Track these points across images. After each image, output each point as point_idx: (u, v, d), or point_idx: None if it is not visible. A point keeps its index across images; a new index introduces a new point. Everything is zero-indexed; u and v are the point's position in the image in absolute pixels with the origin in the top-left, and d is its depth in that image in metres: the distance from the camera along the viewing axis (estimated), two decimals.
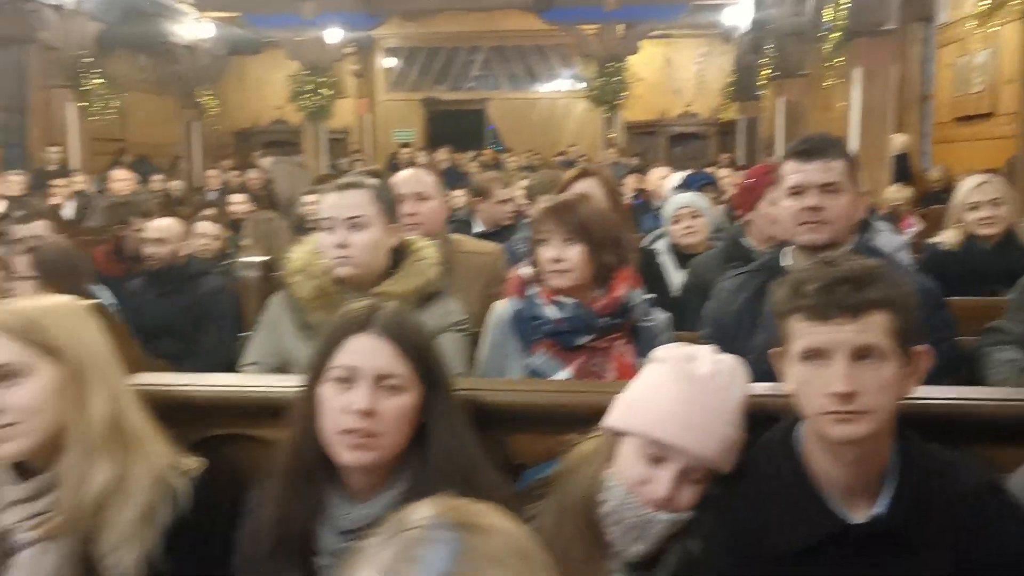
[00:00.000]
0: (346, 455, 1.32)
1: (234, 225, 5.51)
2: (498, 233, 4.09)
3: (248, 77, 16.20)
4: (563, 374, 2.02)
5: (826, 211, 2.00)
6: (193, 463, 1.42)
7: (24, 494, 1.32)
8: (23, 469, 1.35)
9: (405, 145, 13.00)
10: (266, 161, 8.84)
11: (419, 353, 1.37)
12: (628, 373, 1.97)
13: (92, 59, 11.23)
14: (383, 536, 0.78)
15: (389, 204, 2.18)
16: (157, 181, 9.74)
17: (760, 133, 12.93)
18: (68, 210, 7.35)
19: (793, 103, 10.23)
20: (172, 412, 1.49)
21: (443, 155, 12.16)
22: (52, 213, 5.10)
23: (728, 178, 7.20)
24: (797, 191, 2.04)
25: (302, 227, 6.97)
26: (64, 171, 8.49)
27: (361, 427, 1.30)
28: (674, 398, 1.31)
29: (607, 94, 12.98)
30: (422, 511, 0.79)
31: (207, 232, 4.75)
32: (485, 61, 16.53)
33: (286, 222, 4.80)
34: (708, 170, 6.77)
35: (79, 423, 1.31)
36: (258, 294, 2.48)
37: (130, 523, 1.30)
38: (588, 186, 2.87)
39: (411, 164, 11.73)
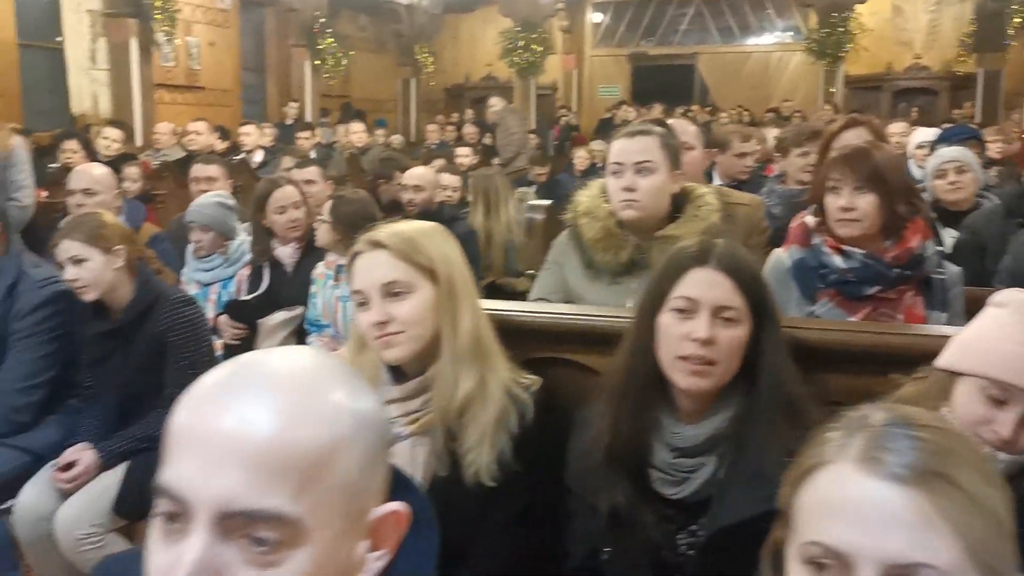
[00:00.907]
0: (684, 380, 1.41)
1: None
2: (736, 187, 4.07)
3: (462, 34, 16.67)
4: None
5: None
6: (531, 379, 1.57)
7: (402, 394, 1.51)
8: (400, 372, 1.55)
9: (622, 103, 12.97)
10: (496, 102, 9.08)
11: (752, 288, 1.44)
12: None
13: (325, 19, 11.94)
14: (843, 431, 0.85)
15: (674, 151, 2.25)
16: (379, 135, 10.28)
17: (1003, 88, 11.92)
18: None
19: None
20: (501, 335, 1.63)
21: (655, 112, 12.08)
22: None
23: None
24: None
25: (522, 181, 7.23)
26: (304, 124, 9.11)
27: (700, 354, 1.39)
28: (1019, 340, 1.31)
29: (829, 46, 12.36)
30: (877, 413, 0.86)
31: (449, 183, 5.01)
32: (695, 14, 16.14)
33: (504, 179, 4.98)
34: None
35: (450, 334, 1.49)
36: (544, 234, 2.62)
37: (487, 426, 1.46)
38: (856, 136, 2.81)
39: (625, 122, 11.73)
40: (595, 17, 16.61)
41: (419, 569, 0.82)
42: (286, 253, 3.46)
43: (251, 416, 0.69)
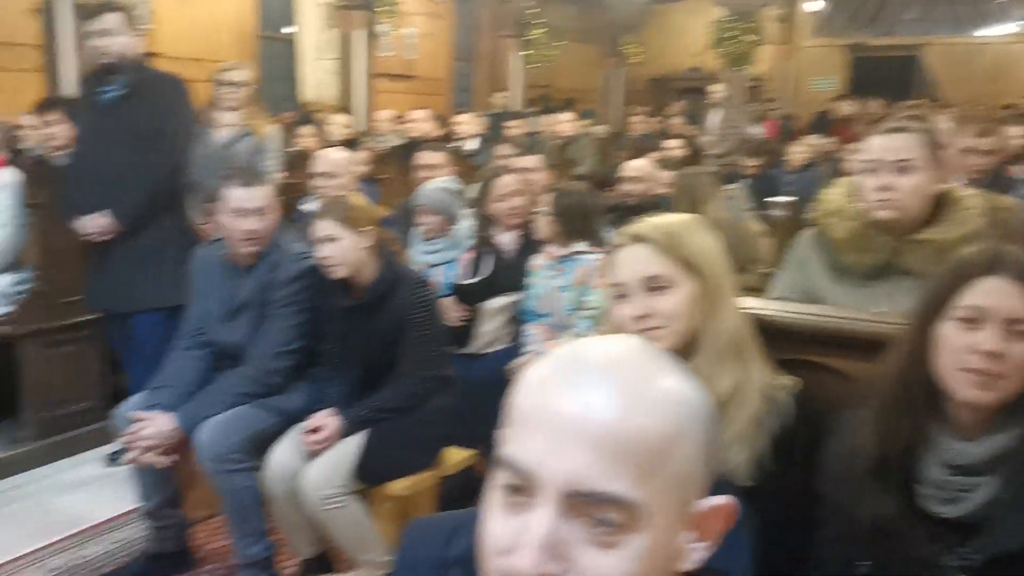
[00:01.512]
0: (967, 392, 1.33)
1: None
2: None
3: (668, 25, 16.42)
4: None
5: None
6: (789, 380, 1.53)
7: None
8: None
9: (843, 96, 12.33)
10: (718, 89, 8.94)
11: None
12: None
13: (536, 10, 12.12)
14: None
15: (936, 150, 2.11)
16: (584, 125, 10.32)
17: None
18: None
19: None
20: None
21: (876, 106, 11.40)
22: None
23: None
24: None
25: (731, 176, 7.05)
26: (513, 114, 9.30)
27: (987, 368, 1.30)
28: None
29: None
30: None
31: (659, 177, 4.94)
32: (922, 3, 15.08)
33: (711, 177, 4.84)
34: None
35: (710, 331, 1.47)
36: (785, 233, 2.55)
37: (743, 425, 1.44)
38: None
39: (845, 118, 11.17)
40: (812, 6, 15.87)
41: (732, 564, 0.82)
42: (507, 240, 3.55)
43: (595, 400, 0.71)
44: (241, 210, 2.73)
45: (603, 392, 0.72)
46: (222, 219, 2.78)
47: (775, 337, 1.66)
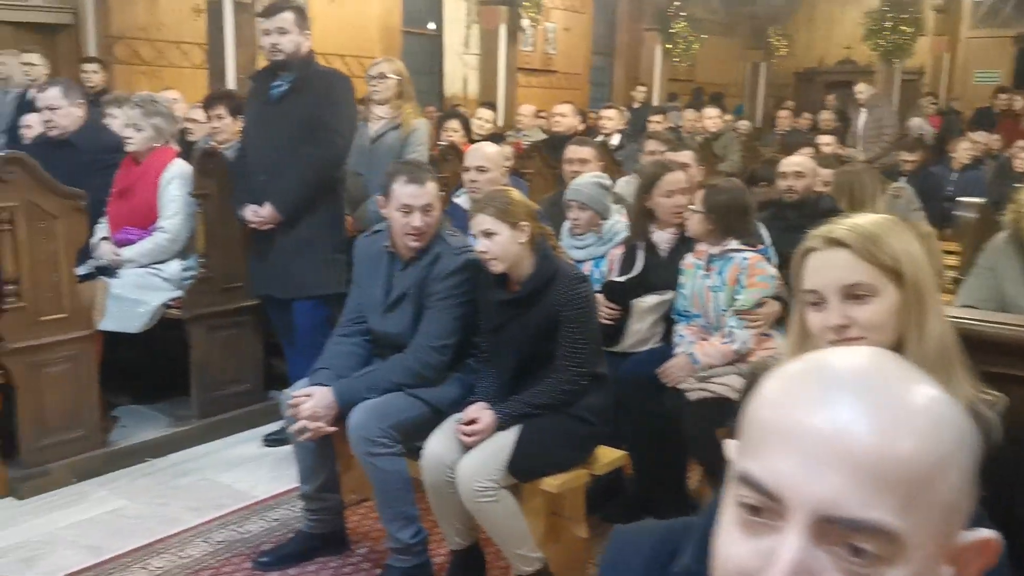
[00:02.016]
0: None
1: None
2: None
3: (818, 16, 15.83)
4: None
5: None
6: (996, 396, 1.41)
7: None
8: None
9: (1001, 89, 11.56)
10: (863, 89, 8.56)
11: None
12: None
13: (679, 3, 11.91)
14: None
15: None
16: (728, 120, 10.05)
17: None
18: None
19: None
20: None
21: None
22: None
23: None
24: None
25: (892, 172, 6.71)
26: (655, 108, 9.16)
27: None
28: None
29: None
30: None
31: (820, 174, 4.75)
32: None
33: (873, 174, 4.59)
34: None
35: (915, 341, 1.37)
36: (974, 236, 2.39)
37: None
38: None
39: (1011, 113, 10.47)
40: None
41: None
42: (663, 238, 3.47)
43: (852, 419, 0.66)
44: (409, 207, 2.78)
45: (861, 410, 0.66)
46: (389, 213, 2.83)
47: (978, 349, 1.54)
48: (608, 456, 2.76)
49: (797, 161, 4.00)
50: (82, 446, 3.60)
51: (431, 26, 10.12)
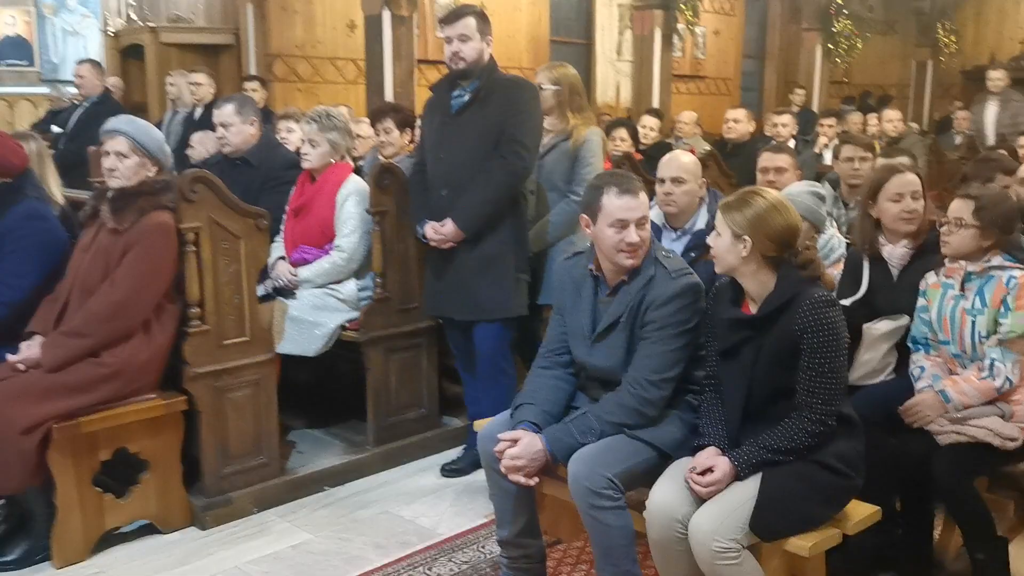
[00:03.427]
0: None
1: None
2: None
3: (988, 9, 14.69)
4: None
5: None
6: None
7: None
8: None
9: None
10: (999, 77, 7.72)
11: None
12: None
13: (841, 1, 11.23)
14: None
15: None
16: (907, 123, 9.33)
17: None
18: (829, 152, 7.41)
19: None
20: None
21: None
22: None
23: None
24: None
25: None
26: (824, 112, 8.58)
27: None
28: None
29: None
30: None
31: None
32: None
33: None
34: None
35: None
36: None
37: None
38: None
39: None
40: None
41: None
42: (895, 253, 3.05)
43: None
44: (624, 221, 2.49)
45: None
46: (597, 232, 2.55)
47: None
48: (861, 512, 2.37)
49: None
50: (263, 474, 3.48)
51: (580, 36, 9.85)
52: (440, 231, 3.51)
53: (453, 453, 3.93)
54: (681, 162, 3.47)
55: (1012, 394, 2.70)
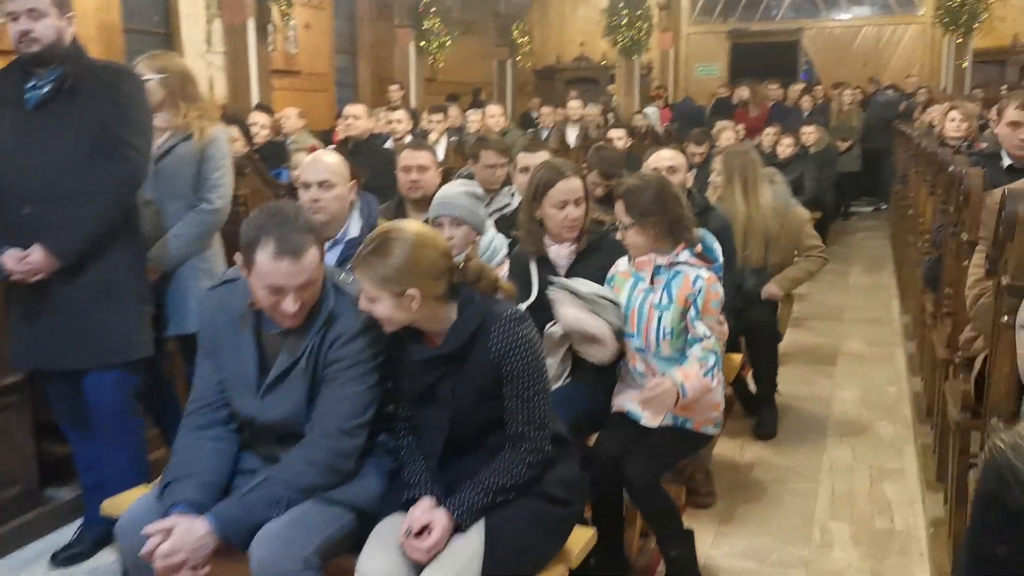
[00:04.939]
0: None
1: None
2: None
3: (551, 13, 16.08)
4: None
5: None
6: None
7: None
8: None
9: (740, 82, 12.20)
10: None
11: None
12: None
13: None
14: None
15: None
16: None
17: None
18: (442, 146, 7.44)
19: None
20: None
21: (745, 91, 11.25)
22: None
23: None
24: None
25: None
26: (434, 108, 8.61)
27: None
28: None
29: (962, 17, 11.56)
30: None
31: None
32: None
33: (758, 155, 4.42)
34: None
35: None
36: None
37: None
38: None
39: (744, 103, 11.05)
40: None
41: None
42: (561, 253, 2.95)
43: None
44: (279, 288, 2.00)
45: None
46: (251, 285, 2.05)
47: None
48: (581, 539, 2.19)
49: (668, 156, 3.66)
50: None
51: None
52: (27, 261, 2.72)
53: (66, 534, 3.14)
54: (327, 163, 3.08)
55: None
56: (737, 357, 3.82)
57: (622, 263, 2.83)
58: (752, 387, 4.31)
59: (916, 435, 4.04)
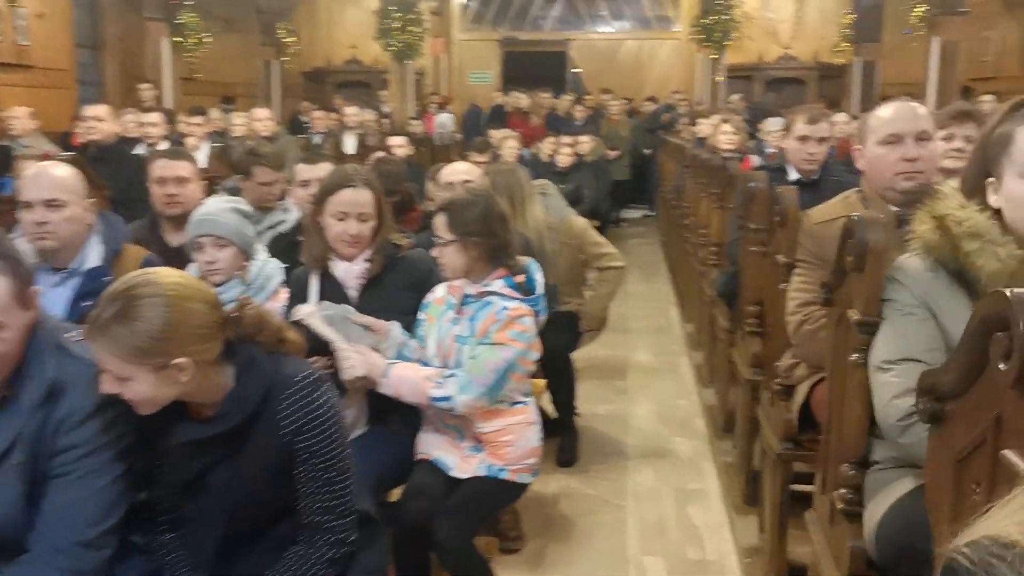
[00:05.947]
0: None
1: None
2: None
3: (319, 13, 15.42)
4: None
5: None
6: None
7: None
8: None
9: (512, 89, 12.20)
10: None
11: None
12: None
13: None
14: None
15: None
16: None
17: (879, 79, 12.23)
18: (203, 152, 6.75)
19: (951, 43, 9.53)
20: None
21: (523, 99, 11.36)
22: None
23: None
24: None
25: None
26: (195, 110, 7.85)
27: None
28: None
29: (716, 34, 12.25)
30: None
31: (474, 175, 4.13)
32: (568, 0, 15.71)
33: (527, 172, 4.20)
34: None
35: None
36: None
37: None
38: None
39: (516, 109, 11.06)
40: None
41: None
42: (352, 271, 2.55)
43: None
44: None
45: None
46: None
47: None
48: None
49: (463, 169, 3.37)
50: None
51: None
52: None
53: None
54: (56, 178, 2.51)
55: (502, 433, 2.42)
56: (540, 382, 3.59)
57: (440, 289, 2.50)
58: (551, 411, 4.11)
59: (714, 451, 4.00)
